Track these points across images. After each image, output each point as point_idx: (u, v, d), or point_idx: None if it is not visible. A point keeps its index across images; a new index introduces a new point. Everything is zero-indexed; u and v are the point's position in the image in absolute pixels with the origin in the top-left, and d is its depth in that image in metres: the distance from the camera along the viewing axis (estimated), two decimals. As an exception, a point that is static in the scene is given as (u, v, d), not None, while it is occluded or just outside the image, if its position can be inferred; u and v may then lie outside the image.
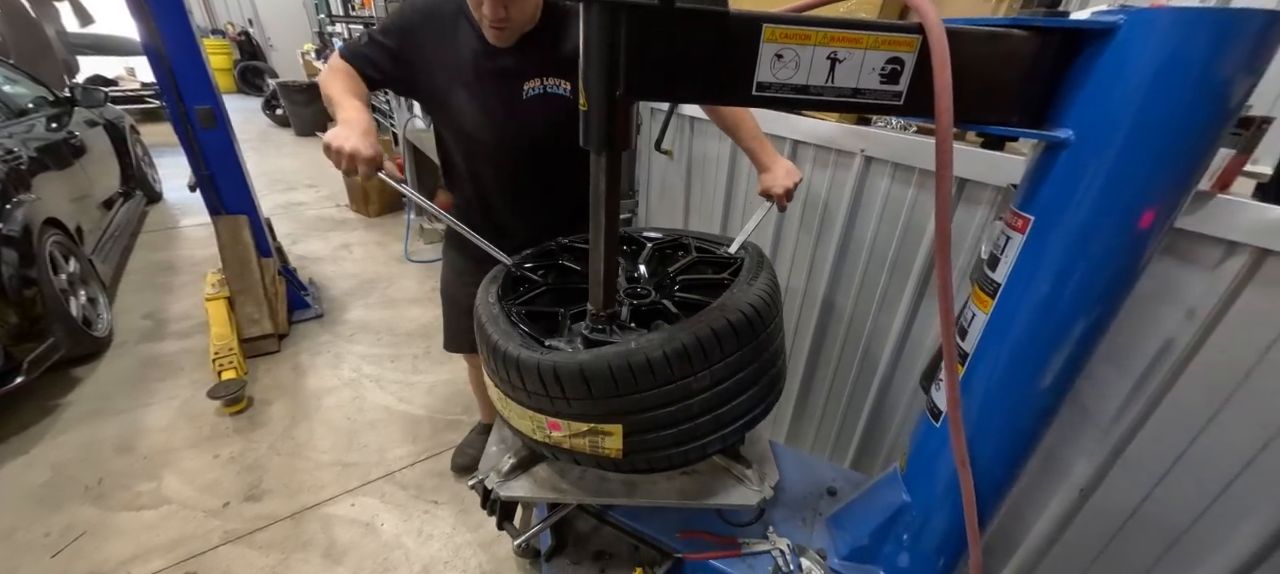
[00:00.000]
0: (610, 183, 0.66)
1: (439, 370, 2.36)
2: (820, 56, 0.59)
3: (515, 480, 0.94)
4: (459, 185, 1.31)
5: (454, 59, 1.10)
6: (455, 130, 1.19)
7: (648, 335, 0.75)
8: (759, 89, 0.60)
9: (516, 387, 0.79)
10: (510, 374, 0.78)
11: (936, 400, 0.84)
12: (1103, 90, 0.57)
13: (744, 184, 1.74)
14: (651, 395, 0.74)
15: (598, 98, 0.59)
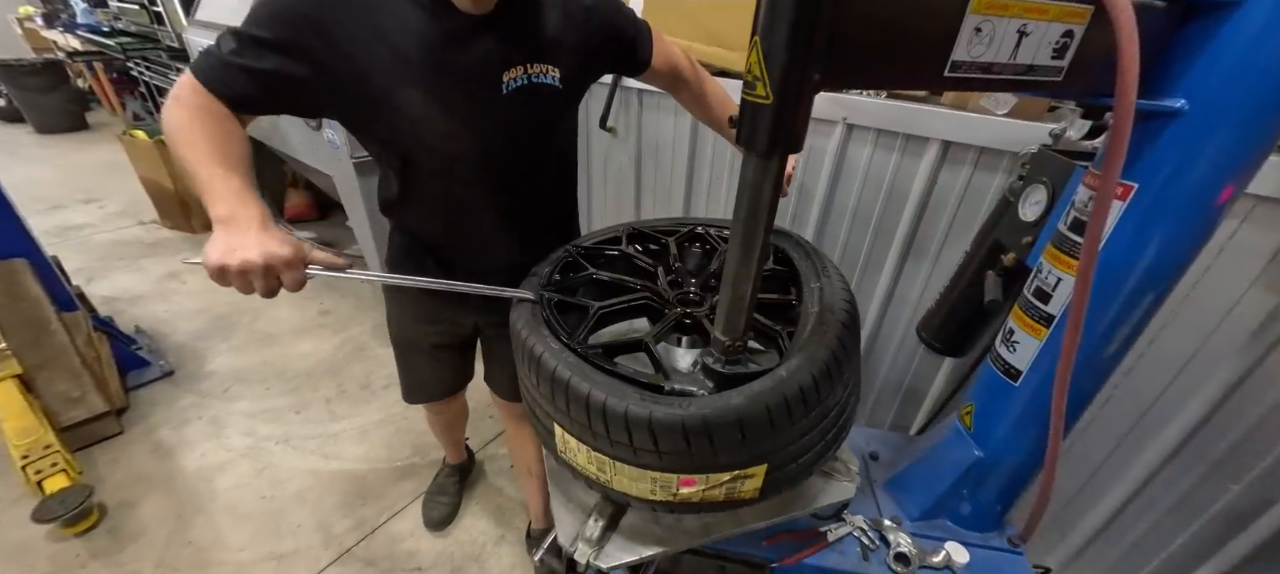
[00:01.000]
0: (774, 191, 0.54)
1: (367, 411, 1.98)
2: (1011, 30, 0.53)
3: (612, 544, 0.79)
4: (408, 213, 1.01)
5: (394, 50, 0.78)
6: (405, 147, 0.87)
7: (787, 362, 0.66)
8: (952, 70, 0.52)
9: (637, 448, 0.64)
10: (626, 434, 0.63)
11: (1010, 361, 0.88)
12: (1222, 61, 0.60)
13: (708, 164, 1.68)
14: (801, 425, 0.66)
15: (789, 87, 0.47)
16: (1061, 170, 0.87)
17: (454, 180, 0.92)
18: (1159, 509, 1.26)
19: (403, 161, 0.90)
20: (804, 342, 0.70)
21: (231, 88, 0.74)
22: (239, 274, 0.64)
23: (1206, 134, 0.63)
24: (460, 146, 0.87)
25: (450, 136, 0.85)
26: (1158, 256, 0.71)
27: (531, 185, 1.00)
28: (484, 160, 0.90)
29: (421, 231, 1.03)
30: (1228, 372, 1.07)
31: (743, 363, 0.65)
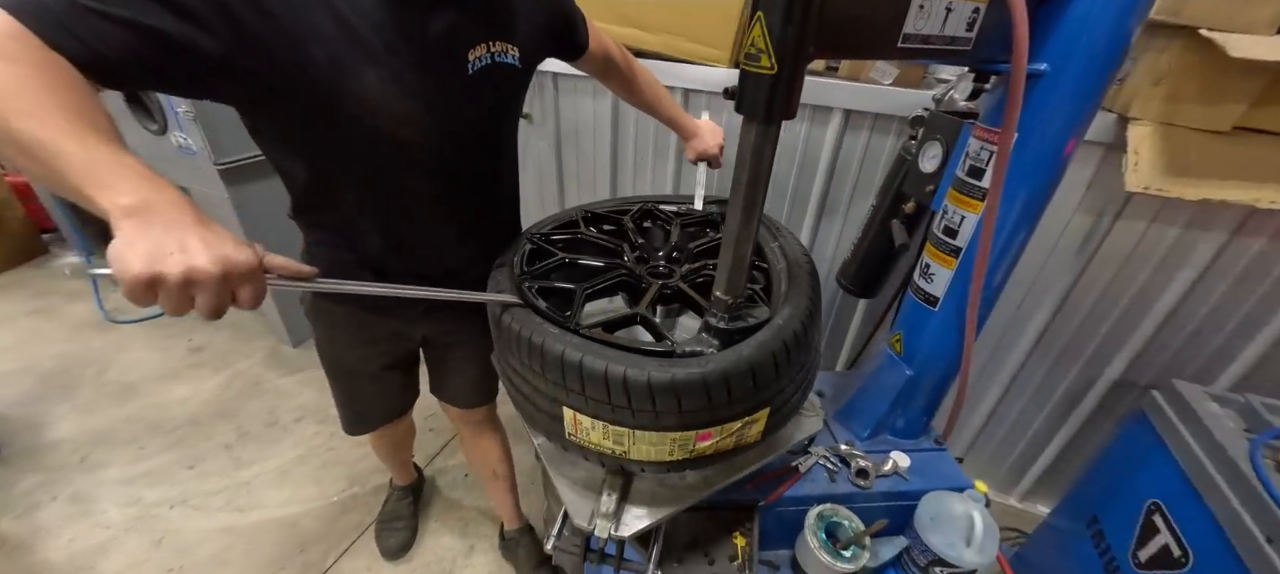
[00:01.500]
0: (771, 157, 0.60)
1: (280, 449, 1.76)
2: (941, 8, 0.63)
3: (628, 514, 0.82)
4: (337, 218, 0.85)
5: (341, 21, 0.65)
6: (349, 133, 0.72)
7: (780, 313, 0.73)
8: (904, 41, 0.61)
9: (659, 412, 0.68)
10: (650, 401, 0.66)
11: (928, 290, 1.04)
12: (1066, 32, 0.77)
13: (632, 145, 1.71)
14: (794, 366, 0.74)
15: (788, 64, 0.52)
16: (952, 128, 1.03)
17: (406, 172, 0.80)
18: (1023, 399, 1.58)
19: (343, 155, 0.76)
20: (786, 294, 0.78)
21: (87, 44, 0.51)
22: (179, 287, 0.46)
23: (1059, 92, 0.80)
24: (417, 132, 0.76)
25: (408, 121, 0.74)
26: (1029, 197, 0.89)
27: (487, 174, 0.94)
28: (443, 147, 0.80)
29: (356, 237, 0.87)
30: (1063, 282, 1.36)
31: (743, 319, 0.71)
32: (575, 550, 0.86)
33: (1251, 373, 1.27)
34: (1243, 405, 1.06)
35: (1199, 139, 1.07)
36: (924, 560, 1.04)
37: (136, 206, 0.46)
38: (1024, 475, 1.67)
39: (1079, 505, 1.29)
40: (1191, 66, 1.02)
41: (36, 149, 0.46)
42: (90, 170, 0.46)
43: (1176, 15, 0.99)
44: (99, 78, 0.54)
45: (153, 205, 0.47)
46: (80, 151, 0.46)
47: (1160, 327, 1.31)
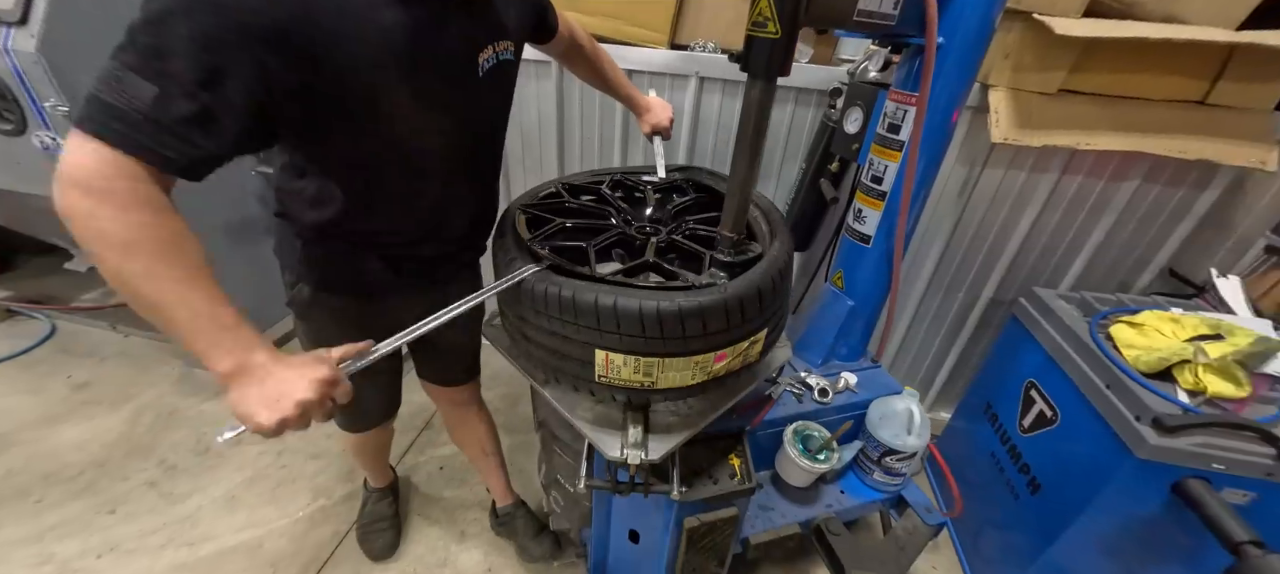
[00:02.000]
0: (769, 110, 0.73)
1: (220, 476, 1.60)
2: (879, -11, 0.80)
3: (653, 441, 0.92)
4: (356, 223, 0.86)
5: (372, 44, 0.66)
6: (388, 147, 0.77)
7: (771, 248, 0.87)
8: (858, 16, 0.77)
9: (688, 337, 0.78)
10: (680, 327, 0.77)
11: (862, 230, 1.25)
12: (960, 12, 0.98)
13: (578, 126, 1.78)
14: (783, 292, 0.88)
15: (789, 24, 0.65)
16: (870, 94, 1.25)
17: (434, 171, 0.85)
18: (925, 324, 1.90)
19: (382, 166, 0.79)
20: (770, 234, 0.92)
21: (188, 149, 0.55)
22: (299, 420, 0.60)
23: (952, 62, 1.02)
24: (444, 137, 0.82)
25: (436, 129, 0.80)
26: (932, 145, 1.12)
27: (493, 165, 1.01)
28: (464, 145, 0.87)
29: (372, 236, 0.90)
30: (949, 222, 1.67)
31: (745, 252, 0.84)
32: (607, 482, 0.94)
33: (1083, 276, 1.67)
34: (1079, 300, 1.41)
35: (1037, 100, 1.38)
36: (877, 453, 1.27)
37: (235, 370, 0.58)
38: (930, 388, 2.01)
39: (977, 398, 1.61)
40: (1029, 43, 1.32)
41: (149, 308, 0.56)
42: (195, 333, 0.57)
43: (1019, 2, 1.27)
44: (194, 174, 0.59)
45: (248, 366, 0.59)
46: (184, 315, 0.57)
47: (1019, 250, 1.66)
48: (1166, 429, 0.99)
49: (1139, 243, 1.62)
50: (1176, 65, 1.31)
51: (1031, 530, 1.29)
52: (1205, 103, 1.35)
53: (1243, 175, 1.46)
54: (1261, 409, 1.04)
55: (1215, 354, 1.05)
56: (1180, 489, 1.02)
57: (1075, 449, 1.20)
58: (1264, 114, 1.34)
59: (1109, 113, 1.37)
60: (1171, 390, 1.07)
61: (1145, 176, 1.49)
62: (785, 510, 1.28)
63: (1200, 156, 1.34)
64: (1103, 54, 1.30)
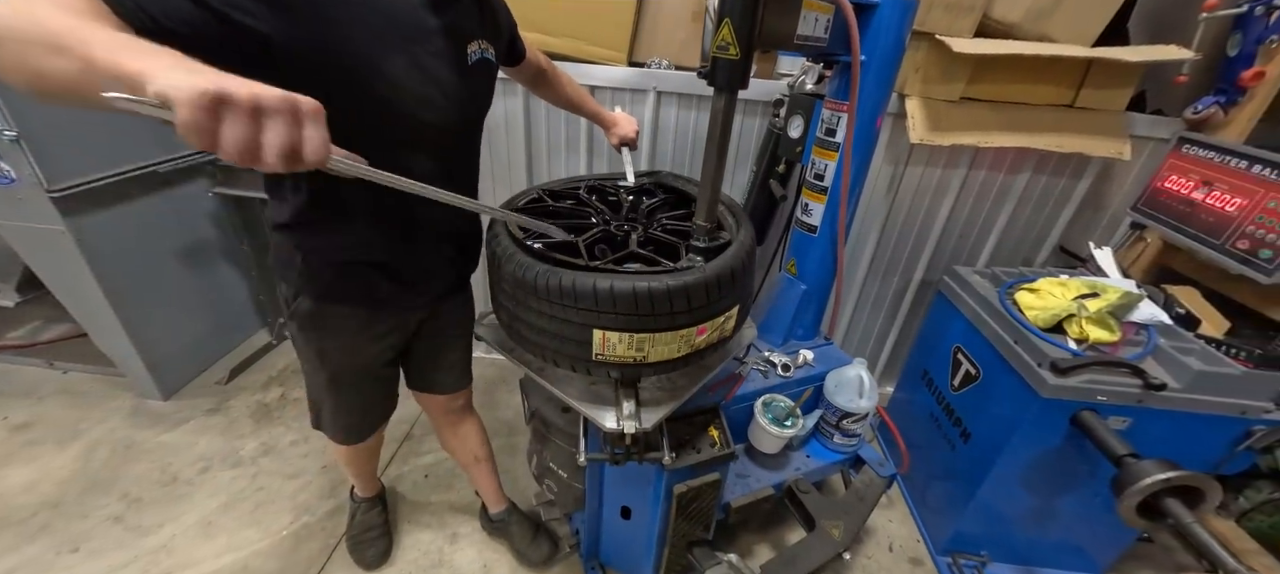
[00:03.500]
0: (732, 117, 0.87)
1: (191, 504, 1.56)
2: (812, 16, 0.97)
3: (645, 411, 1.03)
4: (356, 221, 0.89)
5: (373, 9, 0.73)
6: (379, 117, 0.79)
7: (738, 235, 1.01)
8: (797, 39, 0.94)
9: (675, 312, 0.90)
10: (669, 303, 0.88)
11: (810, 222, 1.42)
12: (871, 33, 1.18)
13: (545, 136, 1.88)
14: (751, 273, 1.02)
15: (746, 47, 0.80)
16: (808, 104, 1.43)
17: (423, 153, 0.88)
18: (867, 307, 2.13)
19: (371, 140, 0.73)
20: (737, 225, 1.07)
21: (146, 9, 0.53)
22: (248, 112, 0.45)
23: (873, 75, 1.22)
24: (435, 114, 0.85)
25: (429, 103, 0.83)
26: (863, 145, 1.31)
27: (476, 154, 1.06)
28: (452, 129, 0.91)
29: (372, 239, 0.91)
30: (881, 215, 1.89)
31: (717, 238, 0.97)
32: (604, 454, 1.04)
33: (994, 254, 1.93)
34: (991, 274, 1.65)
35: (944, 106, 1.62)
36: (835, 418, 1.43)
37: (179, 63, 0.46)
38: (875, 365, 2.23)
39: (915, 367, 1.82)
40: (934, 59, 1.56)
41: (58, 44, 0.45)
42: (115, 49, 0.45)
43: (923, 25, 1.50)
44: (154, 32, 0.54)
45: (199, 67, 0.46)
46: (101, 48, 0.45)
47: (941, 235, 1.91)
48: (1061, 371, 1.21)
49: (1035, 224, 1.90)
50: (1049, 76, 1.58)
51: (965, 475, 1.49)
52: (1074, 106, 1.63)
53: (1109, 165, 1.76)
54: (1130, 349, 1.28)
55: (1093, 308, 1.28)
56: (1076, 420, 1.23)
57: (996, 398, 1.41)
58: (1118, 114, 1.64)
59: (1001, 116, 1.63)
60: (1063, 341, 1.30)
61: (1035, 169, 1.77)
62: (760, 476, 1.42)
63: (1074, 150, 1.62)
64: (993, 68, 1.55)
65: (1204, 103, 1.58)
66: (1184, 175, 1.50)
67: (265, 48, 0.64)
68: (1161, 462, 1.05)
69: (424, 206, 0.92)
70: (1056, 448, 1.31)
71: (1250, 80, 1.48)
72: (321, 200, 0.87)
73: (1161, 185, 1.56)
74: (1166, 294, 1.43)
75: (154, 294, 1.88)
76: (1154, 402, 1.21)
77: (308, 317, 0.99)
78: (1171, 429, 1.23)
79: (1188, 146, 1.52)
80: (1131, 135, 1.66)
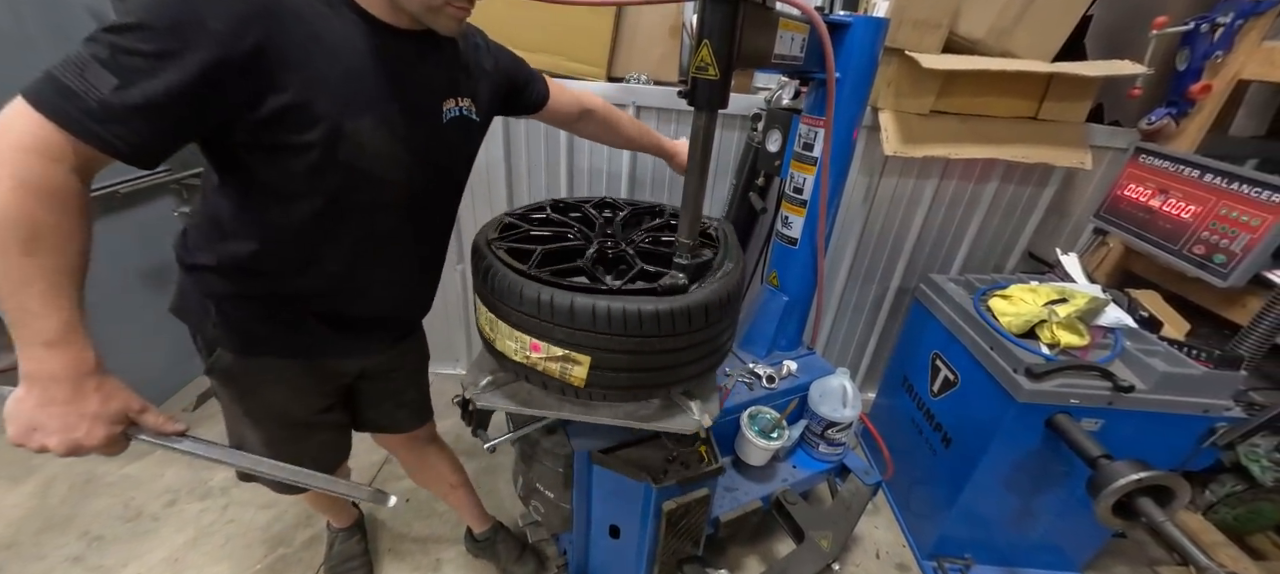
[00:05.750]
0: (713, 135, 0.88)
1: (158, 541, 1.50)
2: (788, 37, 0.99)
3: (492, 394, 1.05)
4: (289, 265, 0.82)
5: (343, 67, 0.70)
6: (342, 174, 0.74)
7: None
8: (774, 58, 0.95)
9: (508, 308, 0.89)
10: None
11: (790, 234, 1.44)
12: (844, 50, 1.21)
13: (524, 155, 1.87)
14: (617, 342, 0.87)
15: (725, 67, 0.81)
16: (785, 118, 1.45)
17: (385, 210, 0.84)
18: (847, 314, 2.16)
19: (331, 196, 0.76)
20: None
21: (125, 132, 0.58)
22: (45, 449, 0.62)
23: (848, 91, 1.24)
24: (400, 172, 0.81)
25: (394, 161, 0.79)
26: (840, 158, 1.34)
27: (446, 217, 1.01)
28: (419, 188, 0.86)
29: (308, 283, 0.84)
30: (858, 225, 1.93)
31: (700, 256, 0.98)
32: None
33: (966, 261, 1.99)
34: (965, 282, 1.69)
35: (916, 119, 1.67)
36: (820, 427, 1.45)
37: (32, 373, 0.60)
38: (857, 371, 2.27)
39: (895, 374, 1.85)
40: (904, 74, 1.60)
41: None
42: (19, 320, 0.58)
43: (893, 42, 1.55)
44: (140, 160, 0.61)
45: (38, 376, 0.60)
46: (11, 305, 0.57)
47: (915, 244, 1.96)
48: (1035, 376, 1.25)
49: (1004, 232, 1.96)
50: (1013, 89, 1.65)
51: (947, 480, 1.52)
52: (1037, 118, 1.70)
53: (1072, 173, 1.84)
54: (1098, 353, 1.32)
55: (1063, 313, 1.33)
56: (1051, 423, 1.27)
57: (974, 404, 1.44)
58: (1078, 126, 1.71)
59: (970, 128, 1.68)
60: (1036, 346, 1.34)
61: (1002, 178, 1.83)
62: (748, 489, 1.42)
63: (1038, 160, 1.68)
64: (960, 82, 1.61)
65: (1157, 114, 1.66)
66: (1142, 184, 1.57)
67: (232, 115, 0.65)
68: (1133, 462, 1.09)
69: (388, 256, 0.90)
70: (1034, 450, 1.34)
71: (1198, 93, 1.56)
72: (275, 248, 0.79)
73: (1121, 193, 1.63)
74: (1130, 298, 1.49)
75: (116, 318, 1.80)
76: (1123, 403, 1.25)
77: (228, 374, 0.90)
78: (1140, 428, 1.28)
79: (1144, 156, 1.59)
80: (1092, 145, 1.73)
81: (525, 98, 1.13)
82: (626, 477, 1.14)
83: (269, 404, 0.96)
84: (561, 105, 1.21)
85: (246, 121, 0.66)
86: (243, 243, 0.78)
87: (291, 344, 0.90)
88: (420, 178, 0.85)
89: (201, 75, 0.59)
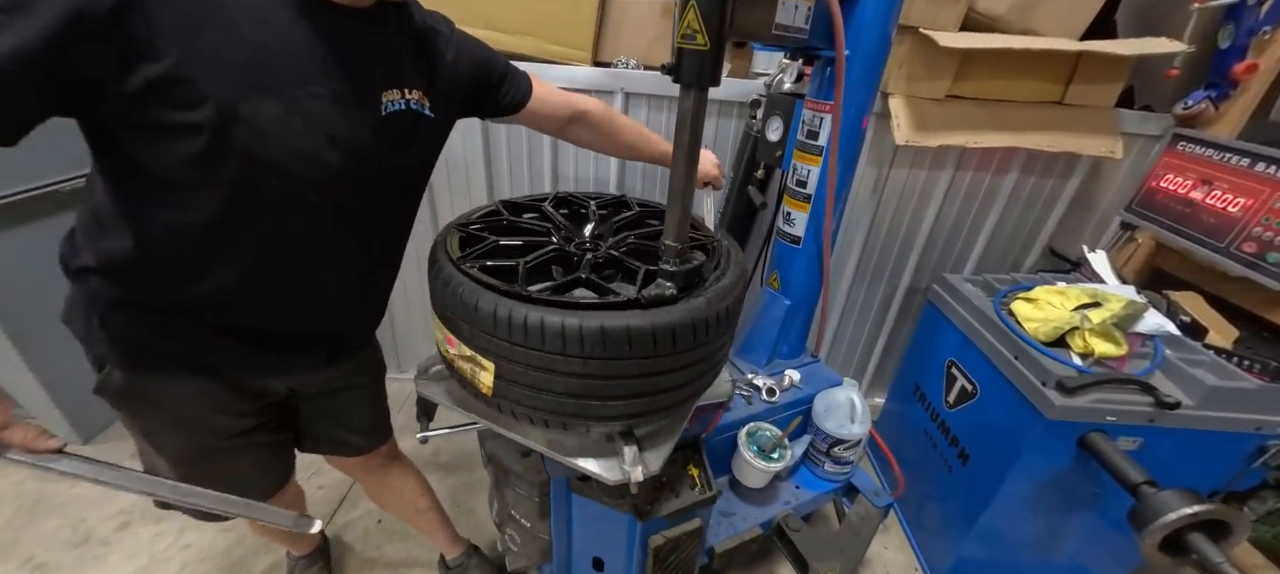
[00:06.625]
0: (701, 118, 0.74)
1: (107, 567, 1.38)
2: (792, 5, 0.85)
3: (431, 385, 0.98)
4: (179, 267, 0.70)
5: (244, 43, 0.59)
6: (239, 167, 0.63)
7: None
8: (775, 29, 0.82)
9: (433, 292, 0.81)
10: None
11: (792, 232, 1.31)
12: (853, 27, 1.06)
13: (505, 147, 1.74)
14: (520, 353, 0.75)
15: (716, 35, 0.67)
16: (787, 104, 1.32)
17: (298, 213, 0.70)
18: (854, 314, 2.03)
19: (226, 192, 0.64)
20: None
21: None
22: None
23: (857, 72, 1.10)
24: (318, 171, 0.68)
25: (309, 157, 0.67)
26: (847, 158, 1.20)
27: (392, 224, 0.88)
28: (347, 190, 0.73)
29: (204, 291, 0.72)
30: (866, 219, 1.79)
31: (690, 261, 0.84)
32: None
33: (982, 258, 1.85)
34: (983, 281, 1.55)
35: (929, 105, 1.52)
36: (825, 445, 1.31)
37: None
38: (864, 375, 2.13)
39: (906, 381, 1.72)
40: (918, 54, 1.46)
41: None
42: None
43: (906, 18, 1.40)
44: None
45: None
46: None
47: (927, 241, 1.82)
48: (1068, 390, 1.11)
49: (1024, 226, 1.82)
50: (1037, 71, 1.50)
51: (966, 499, 1.39)
52: (1063, 103, 1.55)
53: (1098, 163, 1.69)
54: (1137, 364, 1.19)
55: (1096, 320, 1.19)
56: (1084, 442, 1.14)
57: (995, 418, 1.31)
58: (1108, 111, 1.57)
59: (989, 114, 1.54)
60: (1067, 355, 1.20)
61: (1022, 169, 1.69)
62: (746, 513, 1.29)
63: (1064, 149, 1.54)
64: (979, 63, 1.46)
65: (1194, 98, 1.51)
66: (1181, 174, 1.43)
67: (96, 85, 0.54)
68: (1183, 492, 0.96)
69: (306, 266, 0.76)
70: (1063, 470, 1.21)
71: (1243, 73, 1.41)
72: (159, 248, 0.68)
73: (1157, 184, 1.49)
74: (1169, 300, 1.36)
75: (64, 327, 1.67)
76: (1166, 420, 1.12)
77: (120, 395, 0.78)
78: (1183, 447, 1.14)
79: (1184, 144, 1.45)
80: (1121, 132, 1.59)
81: (499, 98, 0.98)
82: (607, 507, 1.01)
83: (172, 428, 0.84)
84: (548, 108, 1.05)
85: (114, 94, 0.55)
86: (120, 239, 0.67)
87: (191, 361, 0.77)
88: (350, 177, 0.72)
89: (54, 33, 0.49)
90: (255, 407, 0.90)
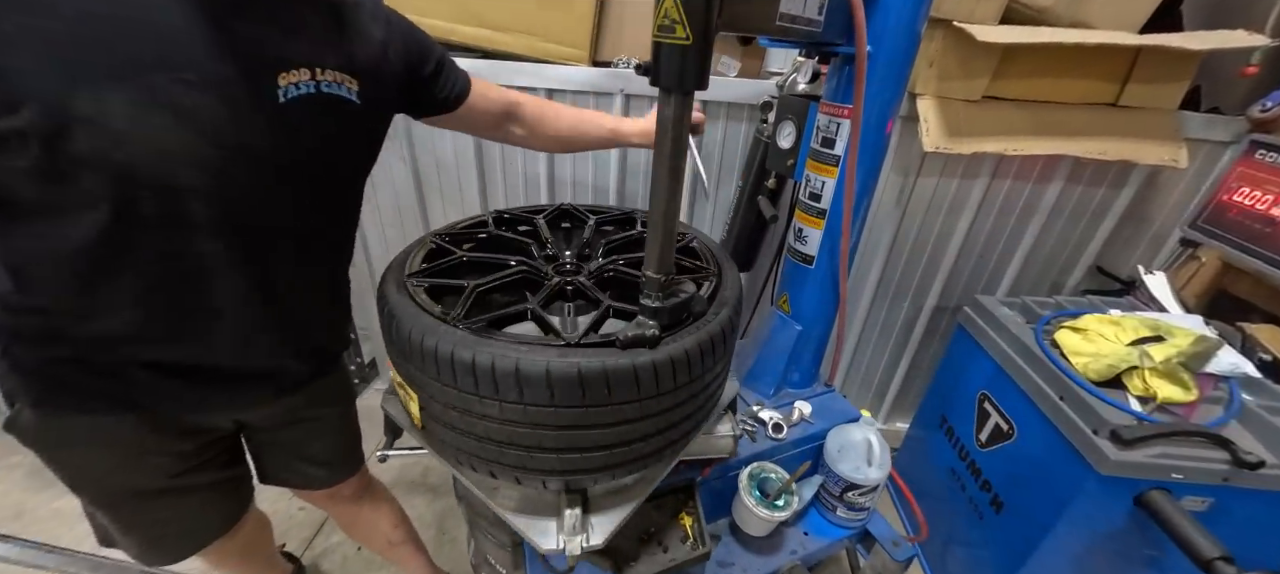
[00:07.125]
0: (688, 128, 0.62)
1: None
2: (802, -8, 0.72)
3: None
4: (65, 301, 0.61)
5: (66, 12, 0.48)
6: (90, 177, 0.52)
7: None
8: (780, 21, 0.68)
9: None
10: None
11: (804, 251, 1.17)
12: (885, 18, 0.92)
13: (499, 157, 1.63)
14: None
15: (701, 33, 0.55)
16: (801, 108, 1.18)
17: (183, 229, 0.60)
18: (873, 336, 1.87)
19: (98, 208, 0.54)
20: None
21: None
22: None
23: (881, 71, 0.96)
24: (196, 174, 0.57)
25: (181, 158, 0.56)
26: (870, 158, 1.05)
27: (311, 241, 0.74)
28: (240, 196, 0.62)
29: (104, 326, 0.63)
30: (888, 233, 1.64)
31: (677, 295, 0.72)
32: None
33: (1019, 277, 1.67)
34: (1021, 305, 1.39)
35: (963, 107, 1.36)
36: (838, 489, 1.17)
37: None
38: (884, 400, 1.97)
39: (931, 411, 1.56)
40: (951, 50, 1.30)
41: None
42: None
43: (938, 10, 1.25)
44: None
45: None
46: None
47: (957, 257, 1.65)
48: (1125, 442, 0.95)
49: (1067, 242, 1.64)
50: (1089, 69, 1.33)
51: (999, 551, 1.23)
52: (1118, 105, 1.38)
53: (1156, 172, 1.50)
54: (1209, 412, 1.02)
55: (1160, 357, 1.03)
56: (1144, 502, 0.97)
57: (1035, 465, 1.15)
58: (1170, 113, 1.38)
59: (1031, 117, 1.37)
60: (1123, 398, 1.04)
61: (1068, 178, 1.51)
62: (746, 564, 1.16)
63: (1119, 157, 1.36)
64: (1021, 60, 1.30)
65: (1274, 98, 1.32)
66: (1258, 186, 1.25)
67: None
68: (1273, 576, 0.80)
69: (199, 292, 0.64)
70: (1116, 530, 1.05)
71: (1336, 71, 1.22)
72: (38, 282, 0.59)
73: (1228, 198, 1.31)
74: (1244, 335, 1.18)
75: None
76: (1244, 480, 0.95)
77: (32, 434, 0.69)
78: (1264, 513, 0.98)
79: (1263, 152, 1.26)
80: (1185, 138, 1.40)
81: (436, 90, 0.86)
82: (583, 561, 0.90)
83: (95, 470, 0.75)
84: (486, 103, 0.94)
85: None
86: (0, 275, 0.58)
87: (112, 396, 0.68)
88: (242, 183, 0.61)
89: None
90: (197, 444, 0.81)
